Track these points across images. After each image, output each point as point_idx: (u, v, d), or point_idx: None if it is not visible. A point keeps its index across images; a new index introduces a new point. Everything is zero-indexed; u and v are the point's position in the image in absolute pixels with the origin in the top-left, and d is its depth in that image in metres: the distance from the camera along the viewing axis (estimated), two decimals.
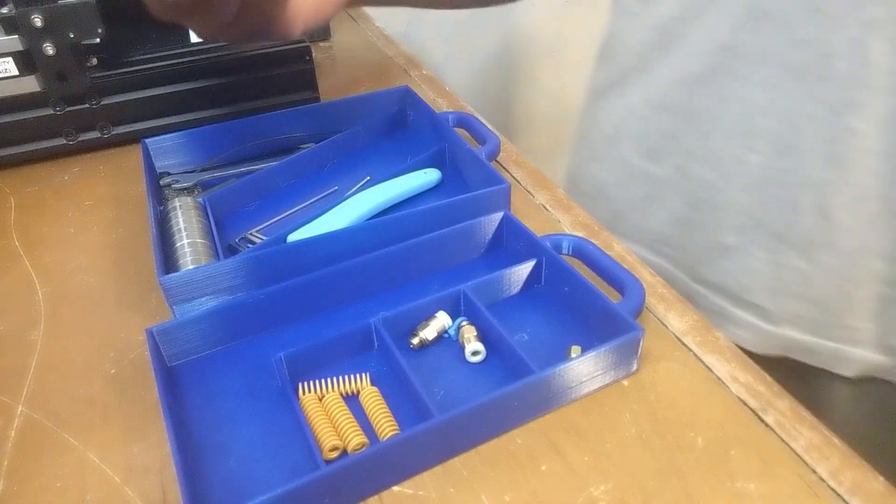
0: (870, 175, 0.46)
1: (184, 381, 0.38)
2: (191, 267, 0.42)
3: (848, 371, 0.55)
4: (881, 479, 0.32)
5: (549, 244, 0.43)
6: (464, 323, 0.40)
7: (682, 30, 0.52)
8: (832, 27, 0.44)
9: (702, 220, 0.56)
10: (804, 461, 0.33)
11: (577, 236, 0.44)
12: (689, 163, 0.55)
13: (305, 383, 0.36)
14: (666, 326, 0.41)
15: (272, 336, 0.41)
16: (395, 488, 0.32)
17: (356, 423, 0.34)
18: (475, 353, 0.38)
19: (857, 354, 0.54)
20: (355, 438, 0.33)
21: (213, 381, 0.38)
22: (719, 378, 0.37)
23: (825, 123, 0.46)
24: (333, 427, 0.34)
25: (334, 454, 0.33)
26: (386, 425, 0.34)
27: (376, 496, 0.32)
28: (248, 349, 0.40)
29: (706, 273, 0.58)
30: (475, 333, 0.39)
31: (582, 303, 0.40)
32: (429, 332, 0.39)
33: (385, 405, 0.35)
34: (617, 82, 0.61)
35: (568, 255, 0.44)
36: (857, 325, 0.53)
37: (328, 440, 0.33)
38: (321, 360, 0.38)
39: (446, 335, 0.40)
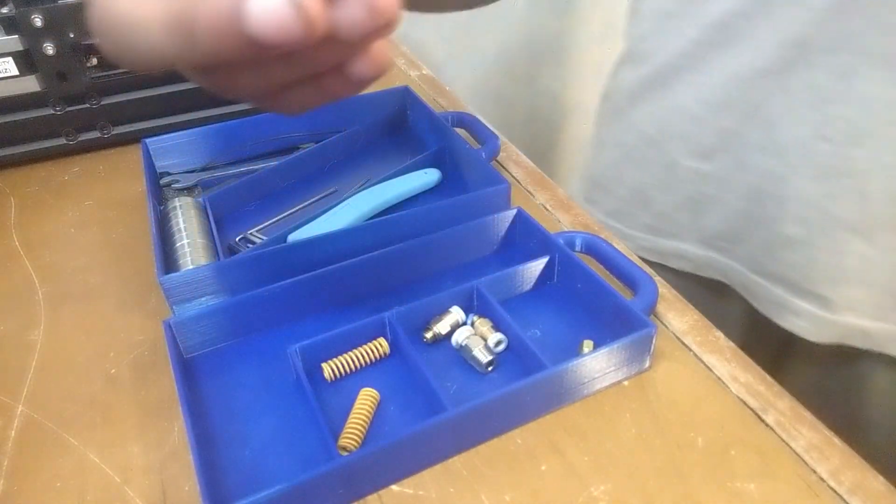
0: None
1: (199, 372, 0.39)
2: (191, 267, 0.42)
3: None
4: (881, 478, 0.32)
5: (562, 241, 0.43)
6: (476, 318, 0.40)
7: (744, 25, 0.50)
8: None
9: (763, 213, 0.56)
10: (804, 461, 0.33)
11: (590, 234, 0.44)
12: (750, 156, 0.54)
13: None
14: (666, 326, 0.41)
15: (287, 329, 0.41)
16: (395, 488, 0.32)
17: (359, 426, 0.34)
18: (498, 343, 0.39)
19: None
20: (345, 439, 0.33)
21: (228, 372, 0.39)
22: (719, 378, 0.37)
23: None
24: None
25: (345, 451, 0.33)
26: (350, 434, 0.34)
27: (375, 494, 0.32)
28: (263, 342, 0.40)
29: (766, 264, 0.58)
30: (490, 325, 0.39)
31: (595, 300, 0.40)
32: (442, 327, 0.39)
33: (367, 414, 0.35)
34: (657, 83, 0.59)
35: (581, 252, 0.44)
36: None
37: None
38: (335, 352, 0.38)
39: (457, 346, 0.40)
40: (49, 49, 0.53)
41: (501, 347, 0.39)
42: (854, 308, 0.55)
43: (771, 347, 0.62)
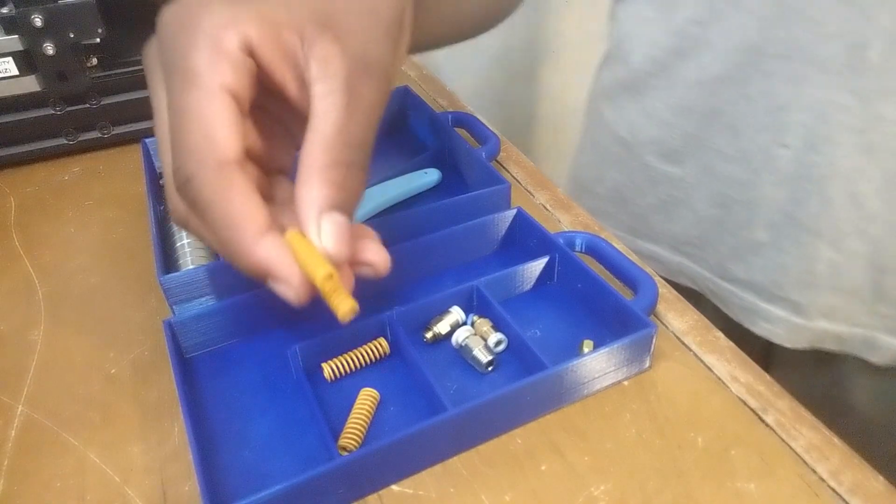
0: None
1: (199, 372, 0.39)
2: (191, 267, 0.42)
3: (878, 358, 0.55)
4: (881, 478, 0.32)
5: (562, 241, 0.43)
6: (476, 318, 0.40)
7: (701, 33, 0.52)
8: (864, 18, 0.44)
9: (730, 218, 0.56)
10: (804, 461, 0.33)
11: (590, 234, 0.44)
12: (716, 162, 0.55)
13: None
14: (666, 326, 0.41)
15: (288, 329, 0.41)
16: (395, 488, 0.32)
17: (359, 426, 0.34)
18: (498, 343, 0.39)
19: (886, 342, 0.55)
20: (345, 439, 0.33)
21: (228, 372, 0.39)
22: (719, 378, 0.37)
23: (855, 113, 0.47)
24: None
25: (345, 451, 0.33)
26: (350, 434, 0.34)
27: (376, 494, 0.32)
28: (263, 342, 0.41)
29: (735, 271, 0.58)
30: (490, 325, 0.39)
31: (595, 300, 0.40)
32: (442, 327, 0.39)
33: (366, 414, 0.35)
34: (630, 87, 0.60)
35: (581, 252, 0.44)
36: (887, 311, 0.53)
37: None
38: (336, 352, 0.38)
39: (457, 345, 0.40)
40: (49, 49, 0.53)
41: (501, 347, 0.39)
42: (827, 315, 0.55)
43: (754, 354, 0.63)
